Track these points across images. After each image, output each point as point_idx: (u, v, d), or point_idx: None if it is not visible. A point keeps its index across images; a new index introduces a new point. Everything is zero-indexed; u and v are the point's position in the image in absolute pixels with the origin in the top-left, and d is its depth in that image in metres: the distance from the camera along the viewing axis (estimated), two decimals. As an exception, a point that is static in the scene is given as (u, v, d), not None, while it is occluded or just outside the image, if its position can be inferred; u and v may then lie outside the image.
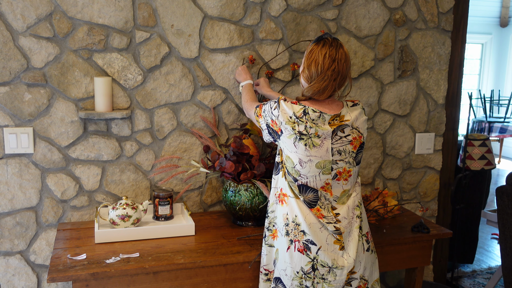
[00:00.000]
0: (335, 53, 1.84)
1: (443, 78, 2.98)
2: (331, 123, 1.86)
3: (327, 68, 1.83)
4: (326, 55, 1.83)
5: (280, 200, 1.94)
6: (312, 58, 1.86)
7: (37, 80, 2.27)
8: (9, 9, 2.19)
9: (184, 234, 2.23)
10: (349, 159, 1.90)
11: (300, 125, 1.84)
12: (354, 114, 1.91)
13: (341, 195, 1.92)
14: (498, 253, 4.24)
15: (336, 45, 1.86)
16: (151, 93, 2.43)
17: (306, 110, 1.85)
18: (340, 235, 1.88)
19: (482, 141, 3.46)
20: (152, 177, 2.50)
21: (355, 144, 1.91)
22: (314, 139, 1.84)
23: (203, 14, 2.44)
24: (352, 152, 1.90)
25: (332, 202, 1.90)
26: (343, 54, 1.86)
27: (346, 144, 1.88)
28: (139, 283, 1.94)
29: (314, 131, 1.83)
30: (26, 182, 2.33)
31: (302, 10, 2.59)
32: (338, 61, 1.84)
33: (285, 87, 2.64)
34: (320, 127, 1.84)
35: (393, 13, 2.78)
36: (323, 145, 1.85)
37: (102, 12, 2.29)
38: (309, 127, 1.83)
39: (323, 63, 1.83)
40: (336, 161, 1.88)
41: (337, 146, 1.87)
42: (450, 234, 2.40)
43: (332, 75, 1.83)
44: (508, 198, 2.67)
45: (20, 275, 2.40)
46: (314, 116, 1.85)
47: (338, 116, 1.88)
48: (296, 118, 1.84)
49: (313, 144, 1.84)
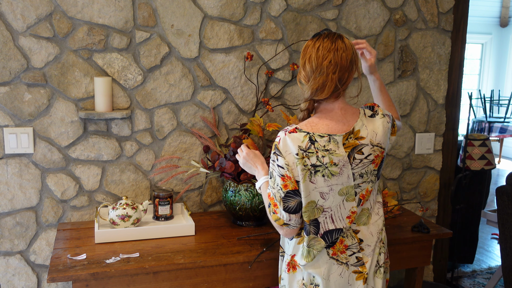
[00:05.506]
0: (330, 44, 1.62)
1: (443, 78, 2.98)
2: (346, 143, 1.64)
3: (321, 60, 1.61)
4: (320, 47, 1.62)
5: (291, 267, 1.76)
6: (307, 54, 1.65)
7: (37, 80, 2.27)
8: (9, 9, 2.19)
9: (184, 234, 2.23)
10: (371, 178, 1.70)
11: (311, 158, 1.60)
12: (372, 128, 1.68)
13: (360, 216, 1.73)
14: (498, 253, 4.24)
15: (333, 37, 1.64)
16: (151, 93, 2.43)
17: (312, 138, 1.61)
18: (362, 265, 1.72)
19: (482, 141, 3.46)
20: (152, 177, 2.50)
21: (377, 161, 1.69)
22: (332, 168, 1.62)
23: (203, 14, 2.44)
24: (373, 170, 1.70)
25: (352, 225, 1.71)
26: (341, 44, 1.63)
27: (368, 165, 1.67)
28: (139, 283, 1.94)
29: (329, 160, 1.61)
30: (26, 182, 2.33)
31: (302, 10, 2.59)
32: (335, 52, 1.61)
33: (285, 87, 2.64)
34: (334, 153, 1.62)
35: (393, 13, 2.78)
36: (343, 172, 1.63)
37: (102, 12, 2.29)
38: (322, 156, 1.60)
39: (316, 56, 1.62)
40: (358, 185, 1.68)
41: (358, 170, 1.66)
42: (450, 234, 2.39)
43: (329, 67, 1.60)
44: (508, 198, 2.67)
45: (20, 275, 2.40)
46: (324, 142, 1.61)
47: (352, 133, 1.66)
48: (304, 152, 1.60)
49: (331, 173, 1.62)
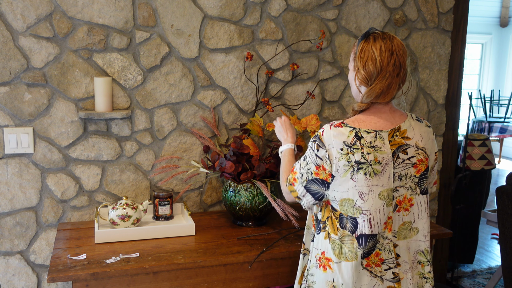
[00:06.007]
0: (390, 45, 1.57)
1: (443, 78, 2.98)
2: (392, 140, 1.60)
3: (386, 63, 1.56)
4: (382, 49, 1.56)
5: (322, 265, 1.67)
6: (367, 55, 1.58)
7: (37, 80, 2.27)
8: (9, 9, 2.19)
9: (184, 234, 2.23)
10: (411, 185, 1.63)
11: (356, 154, 1.56)
12: (419, 131, 1.65)
13: (400, 229, 1.64)
14: (498, 253, 4.24)
15: (389, 37, 1.59)
16: (151, 93, 2.43)
17: (358, 133, 1.57)
18: (398, 282, 1.63)
19: (482, 141, 3.46)
20: (152, 177, 2.50)
21: (419, 167, 1.63)
22: (375, 166, 1.57)
23: (203, 14, 2.44)
24: (414, 176, 1.63)
25: (392, 238, 1.63)
26: (400, 44, 1.59)
27: (408, 168, 1.61)
28: (139, 283, 1.94)
29: (373, 157, 1.56)
30: (26, 182, 2.33)
31: (302, 10, 2.59)
32: (397, 53, 1.57)
33: (285, 86, 2.64)
34: (379, 150, 1.57)
35: (393, 13, 2.78)
36: (385, 171, 1.58)
37: (102, 12, 2.29)
38: (367, 153, 1.56)
39: (381, 58, 1.56)
40: (396, 188, 1.61)
41: (398, 171, 1.60)
42: (450, 234, 2.39)
43: (394, 70, 1.57)
44: (508, 198, 2.67)
45: (20, 275, 2.40)
46: (370, 138, 1.57)
47: (398, 130, 1.62)
48: (349, 147, 1.56)
49: (374, 172, 1.57)
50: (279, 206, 2.23)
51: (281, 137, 2.00)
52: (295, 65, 2.55)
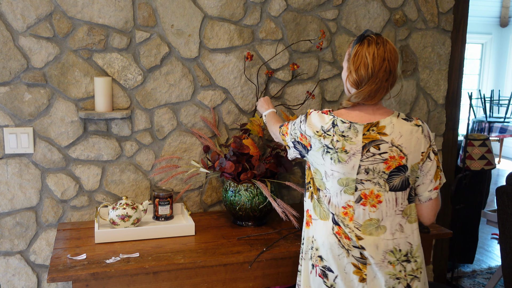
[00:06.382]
0: (383, 51, 1.64)
1: (443, 78, 2.98)
2: (366, 134, 1.66)
3: (378, 69, 1.64)
4: (375, 55, 1.64)
5: (306, 222, 1.83)
6: (360, 60, 1.65)
7: (37, 80, 2.27)
8: (9, 9, 2.19)
9: (184, 234, 2.23)
10: (379, 180, 1.67)
11: (326, 139, 1.67)
12: (399, 129, 1.67)
13: (365, 224, 1.68)
14: (498, 253, 4.24)
15: (383, 42, 1.66)
16: (151, 93, 2.43)
17: (335, 122, 1.68)
18: (364, 265, 1.68)
19: (482, 141, 3.46)
20: (152, 177, 2.50)
21: (390, 164, 1.65)
22: (341, 154, 1.65)
23: (203, 14, 2.44)
24: (383, 172, 1.66)
25: (355, 230, 1.69)
26: (392, 50, 1.66)
27: (378, 163, 1.65)
28: (139, 283, 1.94)
29: (341, 146, 1.65)
30: (26, 182, 2.33)
31: (302, 10, 2.59)
32: (389, 60, 1.64)
33: (285, 86, 2.64)
34: (349, 140, 1.65)
35: (393, 13, 2.78)
36: (350, 161, 1.65)
37: (102, 12, 2.29)
38: (336, 140, 1.66)
39: (373, 65, 1.63)
40: (361, 180, 1.67)
41: (366, 164, 1.65)
42: (450, 234, 2.39)
43: (384, 76, 1.65)
44: (508, 198, 2.67)
45: (20, 275, 2.40)
46: (344, 128, 1.66)
47: (376, 126, 1.67)
48: (324, 132, 1.68)
49: (338, 160, 1.66)
50: (279, 206, 2.23)
51: (263, 108, 2.27)
52: (295, 65, 2.55)
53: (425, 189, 1.74)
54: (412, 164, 1.68)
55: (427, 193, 1.75)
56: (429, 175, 1.73)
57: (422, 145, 1.69)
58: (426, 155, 1.70)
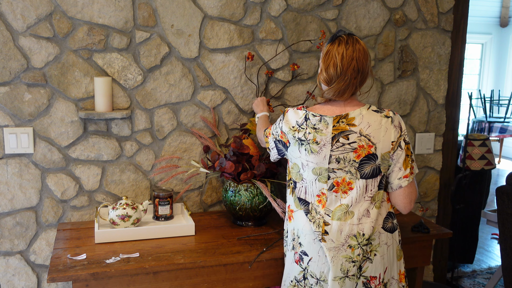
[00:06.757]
0: (352, 50, 1.74)
1: (443, 78, 2.98)
2: (336, 126, 1.77)
3: (346, 68, 1.74)
4: (344, 54, 1.74)
5: (288, 217, 1.93)
6: (330, 59, 1.76)
7: (37, 80, 2.27)
8: (9, 9, 2.19)
9: (184, 234, 2.23)
10: (350, 169, 1.77)
11: (299, 132, 1.80)
12: (368, 120, 1.77)
13: (336, 210, 1.80)
14: (498, 253, 4.24)
15: (353, 42, 1.75)
16: (151, 93, 2.43)
17: (307, 116, 1.80)
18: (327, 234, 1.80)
19: (482, 141, 3.46)
20: (152, 177, 2.50)
21: (359, 153, 1.75)
22: (313, 145, 1.77)
23: (203, 14, 2.44)
24: (353, 161, 1.76)
25: (325, 216, 1.80)
26: (361, 50, 1.76)
27: (348, 152, 1.76)
28: (139, 283, 1.94)
29: (312, 137, 1.77)
30: (26, 182, 2.33)
31: (302, 10, 2.59)
32: (357, 59, 1.74)
33: (285, 87, 2.64)
34: (320, 132, 1.77)
35: (393, 13, 2.78)
36: (322, 151, 1.77)
37: (102, 12, 2.29)
38: (308, 133, 1.78)
39: (341, 64, 1.74)
40: (333, 170, 1.78)
41: (336, 154, 1.76)
42: (450, 234, 2.40)
43: (352, 74, 1.75)
44: (508, 198, 2.68)
45: (20, 275, 2.40)
46: (315, 121, 1.78)
47: (345, 117, 1.77)
48: (298, 126, 1.81)
49: (311, 150, 1.78)
50: (279, 206, 2.23)
51: (258, 109, 2.34)
52: (295, 65, 2.55)
53: (395, 177, 1.82)
54: (382, 153, 1.77)
55: (397, 181, 1.83)
56: (398, 163, 1.81)
57: (392, 134, 1.78)
58: (397, 144, 1.79)
